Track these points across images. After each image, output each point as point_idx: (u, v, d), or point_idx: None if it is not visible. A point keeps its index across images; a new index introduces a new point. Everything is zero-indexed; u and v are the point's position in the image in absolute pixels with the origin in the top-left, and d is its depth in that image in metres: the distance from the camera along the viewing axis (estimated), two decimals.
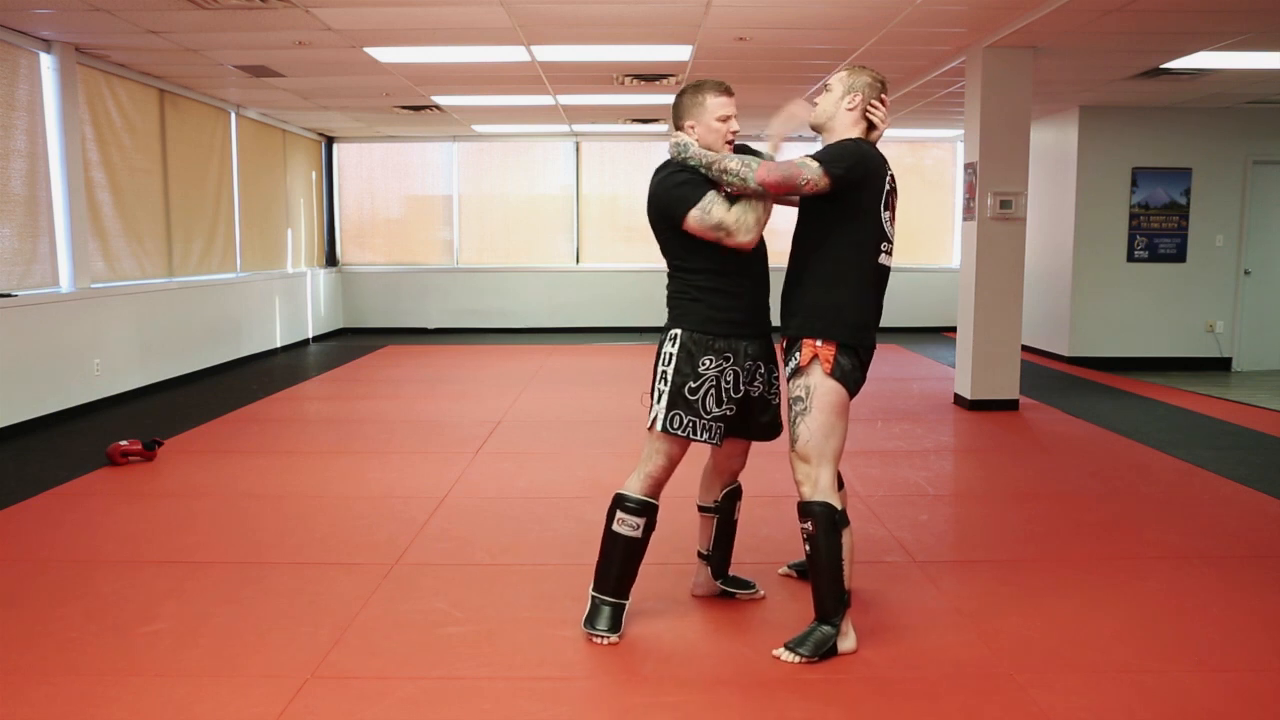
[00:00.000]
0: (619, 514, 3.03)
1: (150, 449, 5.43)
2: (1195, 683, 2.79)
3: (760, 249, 3.06)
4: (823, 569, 2.90)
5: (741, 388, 3.04)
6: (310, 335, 11.47)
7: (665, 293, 3.12)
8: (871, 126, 3.07)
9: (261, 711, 2.60)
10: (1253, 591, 3.49)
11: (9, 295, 6.11)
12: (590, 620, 3.08)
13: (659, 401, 3.00)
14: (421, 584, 3.55)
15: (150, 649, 3.00)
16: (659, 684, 2.80)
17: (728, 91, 3.02)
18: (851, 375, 2.94)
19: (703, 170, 2.92)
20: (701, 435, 2.98)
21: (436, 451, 5.72)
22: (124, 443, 5.39)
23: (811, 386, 2.92)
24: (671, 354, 2.99)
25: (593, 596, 3.11)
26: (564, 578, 3.59)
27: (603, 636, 3.04)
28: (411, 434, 6.23)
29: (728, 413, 3.01)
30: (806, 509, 2.91)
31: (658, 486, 3.05)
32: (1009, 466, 5.44)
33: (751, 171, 2.83)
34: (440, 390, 8.00)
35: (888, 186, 2.96)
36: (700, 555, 3.40)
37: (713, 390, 2.97)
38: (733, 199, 2.91)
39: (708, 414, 2.97)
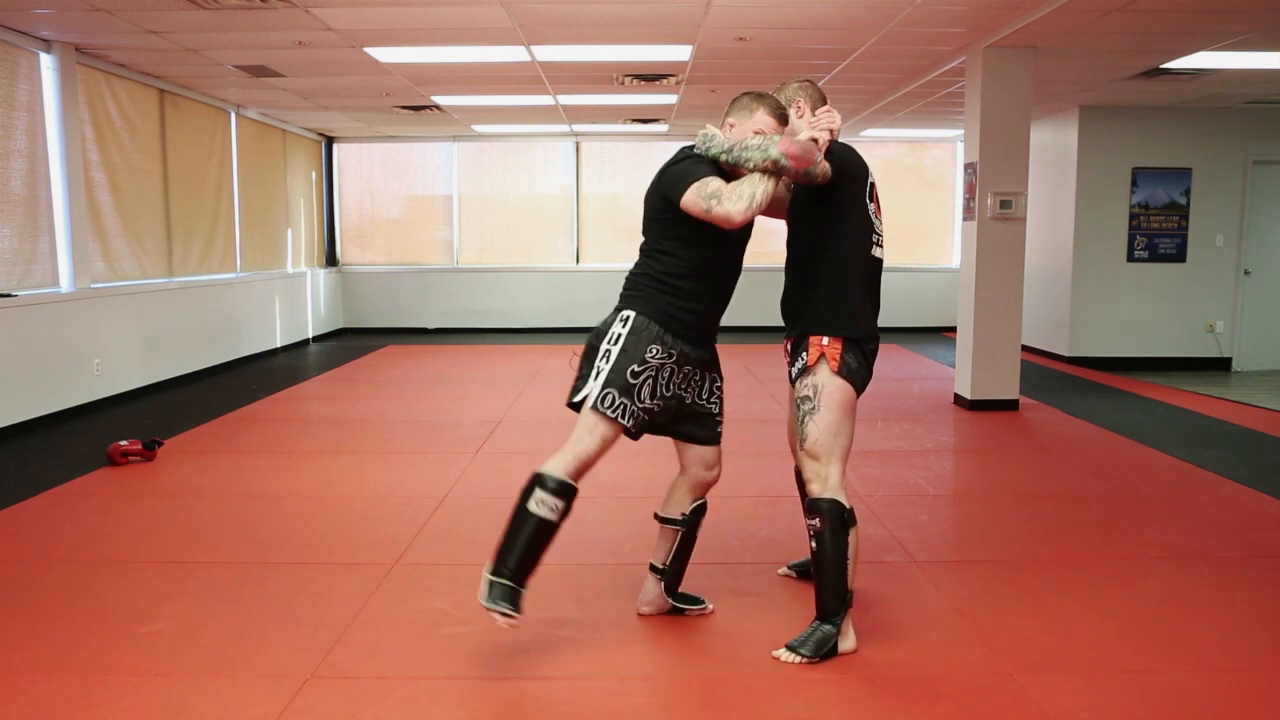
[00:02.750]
0: (538, 492, 2.82)
1: (150, 449, 5.43)
2: (1195, 683, 2.79)
3: (734, 266, 3.03)
4: (828, 566, 2.90)
5: (673, 388, 2.98)
6: (310, 335, 11.47)
7: (629, 273, 3.04)
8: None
9: (261, 711, 2.60)
10: (1253, 591, 3.49)
11: (9, 295, 6.11)
12: (491, 597, 2.79)
13: (596, 378, 2.90)
14: (422, 584, 3.55)
15: (150, 649, 3.00)
16: (659, 684, 2.80)
17: (781, 117, 2.97)
18: (858, 373, 2.95)
19: (725, 156, 2.86)
20: (628, 420, 2.88)
21: (436, 451, 5.72)
22: (124, 443, 5.38)
23: (819, 385, 2.93)
24: (621, 334, 2.91)
25: (489, 579, 2.81)
26: (564, 578, 3.59)
27: (508, 614, 2.76)
28: (411, 434, 6.23)
29: (655, 408, 2.94)
30: (815, 506, 2.92)
31: (584, 470, 2.89)
32: (1009, 466, 5.44)
33: (773, 143, 2.78)
34: (440, 390, 8.00)
35: (869, 180, 2.99)
36: (653, 569, 3.23)
37: (650, 380, 2.90)
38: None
39: (640, 403, 2.89)
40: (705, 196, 2.76)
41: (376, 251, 12.64)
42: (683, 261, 2.92)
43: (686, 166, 2.89)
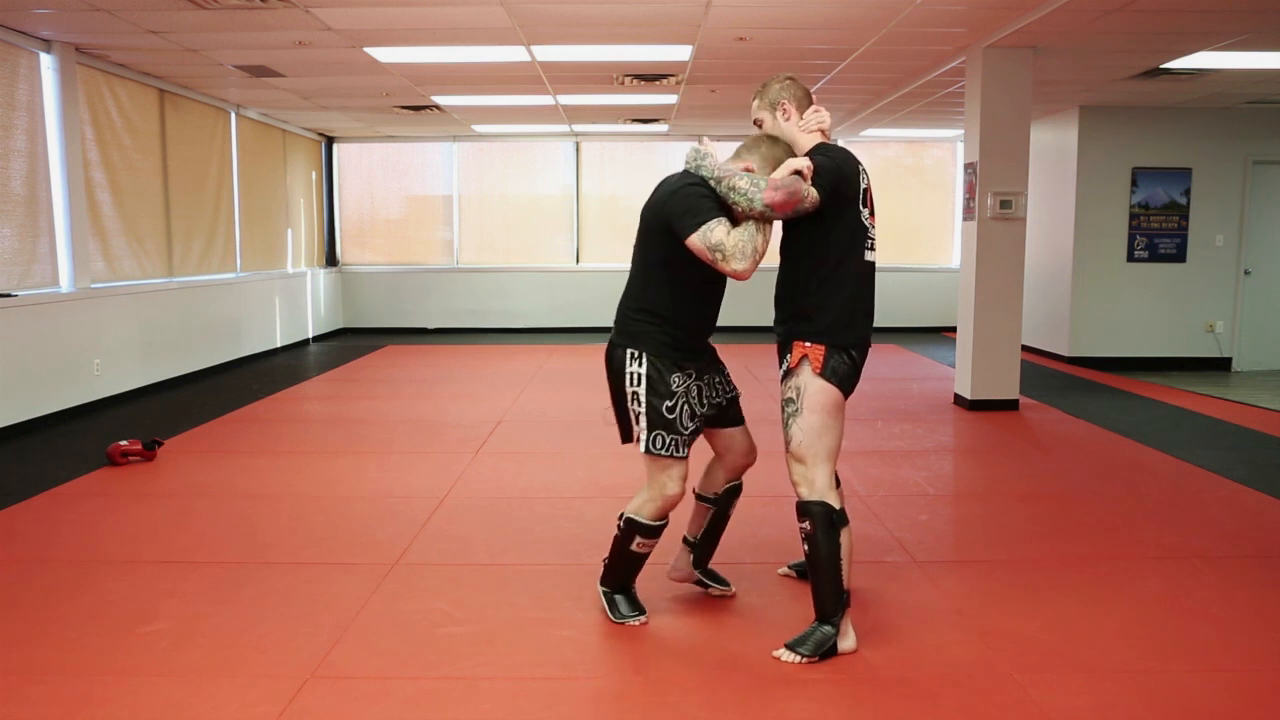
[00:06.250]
0: (638, 539, 3.09)
1: (150, 449, 5.43)
2: (1195, 682, 2.79)
3: (722, 281, 3.04)
4: (821, 568, 2.90)
5: (705, 401, 3.09)
6: (310, 335, 11.47)
7: (622, 299, 3.10)
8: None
9: (261, 711, 2.60)
10: (1253, 591, 3.49)
11: (9, 295, 6.11)
12: (614, 610, 3.19)
13: (638, 423, 3.01)
14: (421, 584, 3.55)
15: (150, 649, 3.00)
16: (659, 684, 2.80)
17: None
18: (843, 374, 2.94)
19: (711, 183, 2.89)
20: (683, 451, 3.02)
21: (436, 451, 5.72)
22: (124, 443, 5.38)
23: (802, 387, 2.93)
24: (641, 375, 2.99)
25: (604, 591, 3.22)
26: (564, 578, 3.59)
27: (635, 618, 3.16)
28: (412, 434, 6.22)
29: (698, 425, 3.08)
30: (804, 509, 2.92)
31: (670, 508, 3.09)
32: (1009, 466, 5.44)
33: (759, 192, 2.79)
34: (440, 390, 8.00)
35: (863, 184, 2.96)
36: (685, 541, 3.38)
37: (684, 405, 3.00)
38: (735, 223, 2.88)
39: (685, 430, 3.01)
40: (710, 247, 2.82)
41: (376, 251, 12.64)
42: (670, 291, 2.97)
43: (693, 199, 2.87)
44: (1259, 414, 6.96)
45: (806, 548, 2.92)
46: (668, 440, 2.98)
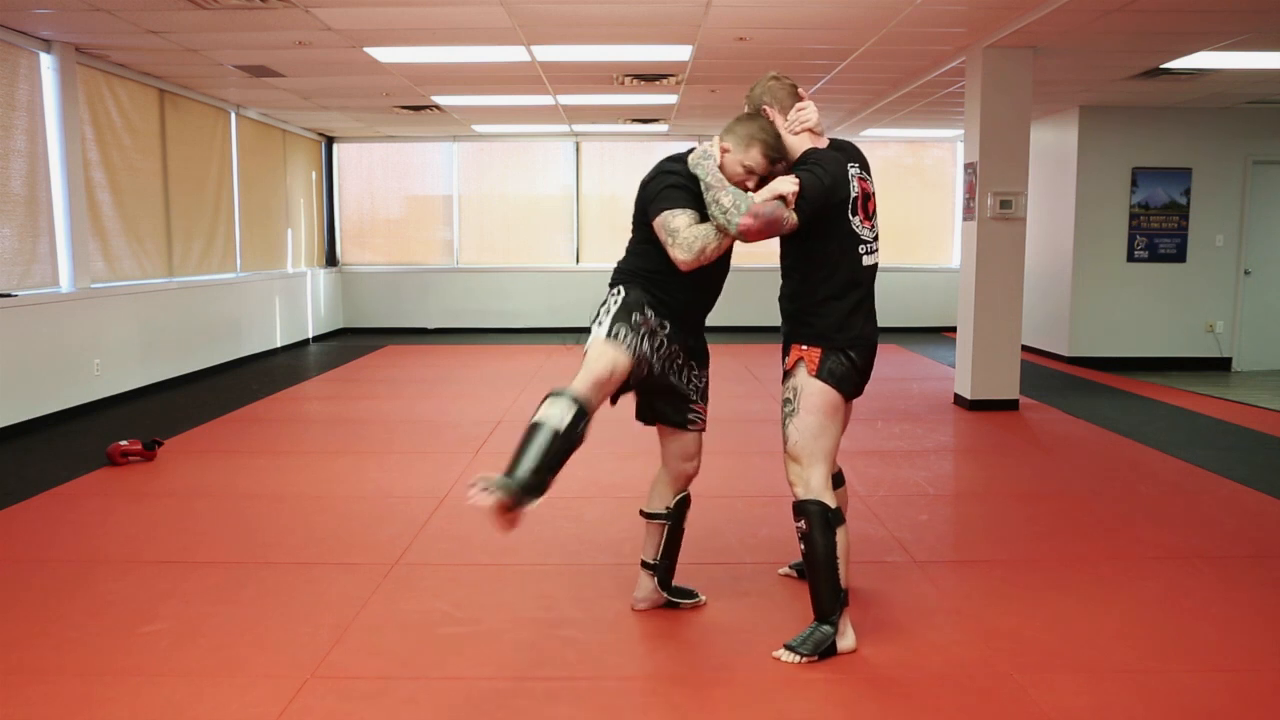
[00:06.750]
0: (549, 399, 2.78)
1: (150, 449, 5.43)
2: (1195, 682, 2.79)
3: (718, 270, 3.04)
4: (819, 568, 2.90)
5: (657, 357, 3.01)
6: (310, 335, 11.47)
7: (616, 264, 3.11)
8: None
9: (261, 711, 2.60)
10: (1253, 591, 3.49)
11: (9, 295, 6.11)
12: (492, 484, 2.56)
13: (602, 323, 2.97)
14: (421, 584, 3.55)
15: (150, 649, 3.00)
16: (659, 684, 2.80)
17: (771, 159, 2.91)
18: (842, 376, 2.93)
19: (702, 184, 2.87)
20: (633, 353, 2.91)
21: (436, 451, 5.72)
22: (124, 443, 5.38)
23: (798, 388, 2.94)
24: (620, 298, 3.00)
25: (508, 481, 2.58)
26: (564, 578, 3.59)
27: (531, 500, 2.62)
28: (412, 434, 6.23)
29: (648, 355, 2.97)
30: (800, 508, 2.92)
31: (594, 390, 2.85)
32: (1009, 466, 5.44)
33: (737, 215, 2.77)
34: (440, 390, 8.00)
35: (854, 191, 2.91)
36: (645, 565, 3.26)
37: (648, 335, 2.96)
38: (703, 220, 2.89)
39: (641, 345, 2.94)
40: (667, 231, 2.87)
41: (376, 251, 12.64)
42: (665, 263, 2.95)
43: (668, 188, 2.90)
44: (1259, 414, 6.96)
45: (803, 547, 2.92)
46: (626, 334, 2.92)
